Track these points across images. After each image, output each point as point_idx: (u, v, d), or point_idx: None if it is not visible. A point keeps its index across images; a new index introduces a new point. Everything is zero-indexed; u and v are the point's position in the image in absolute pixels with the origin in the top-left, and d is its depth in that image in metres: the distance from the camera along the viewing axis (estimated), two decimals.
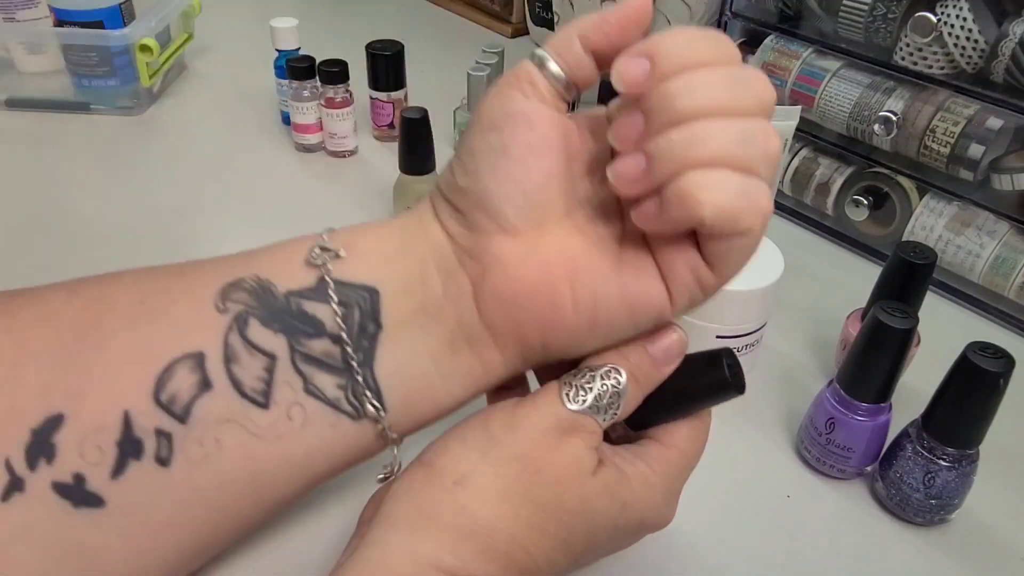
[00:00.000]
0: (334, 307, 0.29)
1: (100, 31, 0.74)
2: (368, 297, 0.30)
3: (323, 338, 0.29)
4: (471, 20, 1.05)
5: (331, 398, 0.30)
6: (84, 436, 0.27)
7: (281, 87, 0.73)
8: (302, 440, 0.30)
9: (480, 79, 0.68)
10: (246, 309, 0.29)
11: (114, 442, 0.28)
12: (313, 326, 0.29)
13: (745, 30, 0.67)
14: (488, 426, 0.30)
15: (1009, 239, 0.53)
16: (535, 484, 0.28)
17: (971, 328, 0.56)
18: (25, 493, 0.27)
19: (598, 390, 0.29)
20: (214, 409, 0.28)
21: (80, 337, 0.29)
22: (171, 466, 0.28)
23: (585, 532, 0.30)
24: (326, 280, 0.29)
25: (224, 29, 0.97)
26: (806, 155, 0.64)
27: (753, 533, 0.41)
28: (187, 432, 0.28)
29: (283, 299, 0.29)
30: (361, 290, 0.30)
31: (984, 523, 0.42)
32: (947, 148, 0.54)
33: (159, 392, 0.28)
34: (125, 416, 0.28)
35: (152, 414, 0.28)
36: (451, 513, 0.28)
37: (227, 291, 0.29)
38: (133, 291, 0.30)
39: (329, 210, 0.65)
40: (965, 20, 0.51)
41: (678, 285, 0.28)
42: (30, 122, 0.76)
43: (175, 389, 0.28)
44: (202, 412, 0.28)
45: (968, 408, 0.37)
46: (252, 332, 0.29)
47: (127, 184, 0.68)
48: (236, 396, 0.29)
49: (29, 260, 0.58)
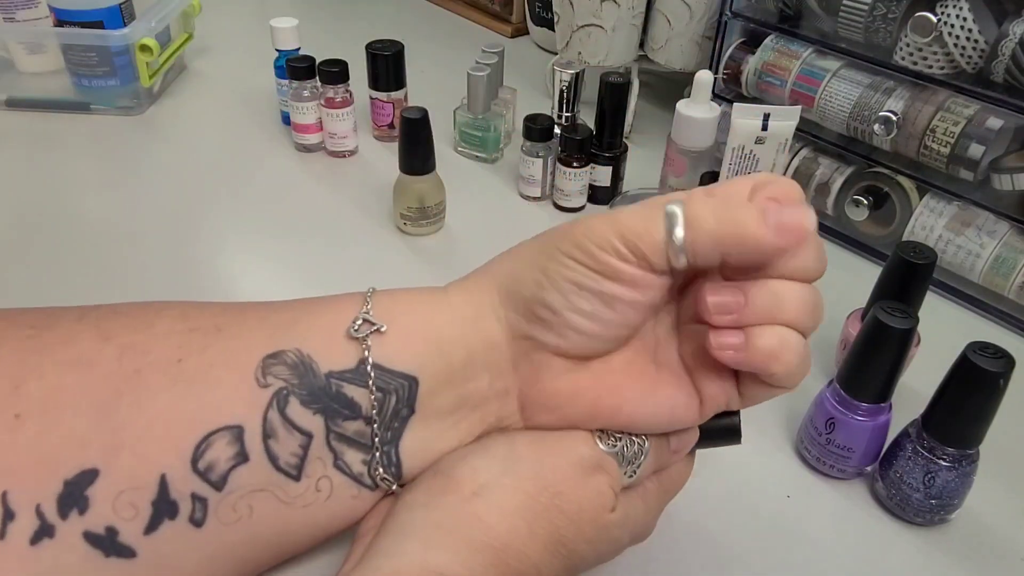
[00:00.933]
0: (371, 393, 0.30)
1: (100, 31, 0.74)
2: (407, 385, 0.30)
3: (358, 420, 0.30)
4: (471, 20, 1.05)
5: (356, 473, 0.31)
6: (119, 493, 0.28)
7: (281, 87, 0.73)
8: (326, 508, 0.31)
9: (480, 79, 0.68)
10: (287, 386, 0.29)
11: (149, 502, 0.28)
12: (350, 408, 0.30)
13: (745, 30, 0.67)
14: (513, 443, 0.31)
15: (1009, 239, 0.53)
16: (554, 507, 0.29)
17: (971, 328, 0.56)
18: (55, 540, 0.27)
19: (626, 441, 0.31)
20: (249, 480, 0.29)
21: (117, 392, 0.28)
22: (204, 527, 0.29)
23: (594, 557, 0.31)
24: (366, 364, 0.30)
25: (224, 29, 0.97)
26: (806, 155, 0.64)
27: (753, 533, 0.41)
28: (222, 498, 0.29)
29: (323, 379, 0.30)
30: (400, 378, 0.30)
31: (984, 523, 0.42)
32: (947, 148, 0.54)
33: (197, 460, 0.28)
34: (162, 479, 0.28)
35: (189, 479, 0.28)
36: (466, 524, 0.28)
37: (268, 364, 0.29)
38: (170, 345, 0.29)
39: (329, 210, 0.65)
40: (965, 20, 0.51)
41: (710, 406, 0.31)
42: (30, 122, 0.76)
43: (213, 458, 0.28)
44: (238, 481, 0.29)
45: (968, 408, 0.37)
46: (291, 410, 0.29)
47: (127, 184, 0.68)
48: (271, 469, 0.29)
49: (29, 260, 0.58)
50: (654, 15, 0.73)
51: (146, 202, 0.65)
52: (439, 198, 0.61)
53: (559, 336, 0.29)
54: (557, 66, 0.67)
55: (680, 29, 0.71)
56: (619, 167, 0.66)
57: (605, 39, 0.73)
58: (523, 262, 0.31)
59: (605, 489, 0.30)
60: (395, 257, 0.60)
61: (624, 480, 0.31)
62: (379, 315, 0.31)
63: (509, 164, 0.72)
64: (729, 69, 0.67)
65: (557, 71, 0.67)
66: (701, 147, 0.61)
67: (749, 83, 0.65)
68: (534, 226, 0.64)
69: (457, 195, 0.64)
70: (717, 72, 0.68)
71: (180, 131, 0.77)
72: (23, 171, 0.69)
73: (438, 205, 0.62)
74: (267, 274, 0.58)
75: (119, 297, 0.54)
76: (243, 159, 0.72)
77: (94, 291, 0.55)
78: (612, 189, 0.67)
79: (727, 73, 0.67)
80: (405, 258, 0.60)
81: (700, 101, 0.60)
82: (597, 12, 0.71)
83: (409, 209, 0.61)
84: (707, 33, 0.72)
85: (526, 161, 0.66)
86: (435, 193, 0.61)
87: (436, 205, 0.61)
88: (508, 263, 0.32)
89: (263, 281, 0.58)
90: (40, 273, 0.57)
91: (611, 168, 0.66)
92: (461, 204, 0.65)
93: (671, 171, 0.63)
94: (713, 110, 0.60)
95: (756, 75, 0.64)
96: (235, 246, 0.61)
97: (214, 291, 0.56)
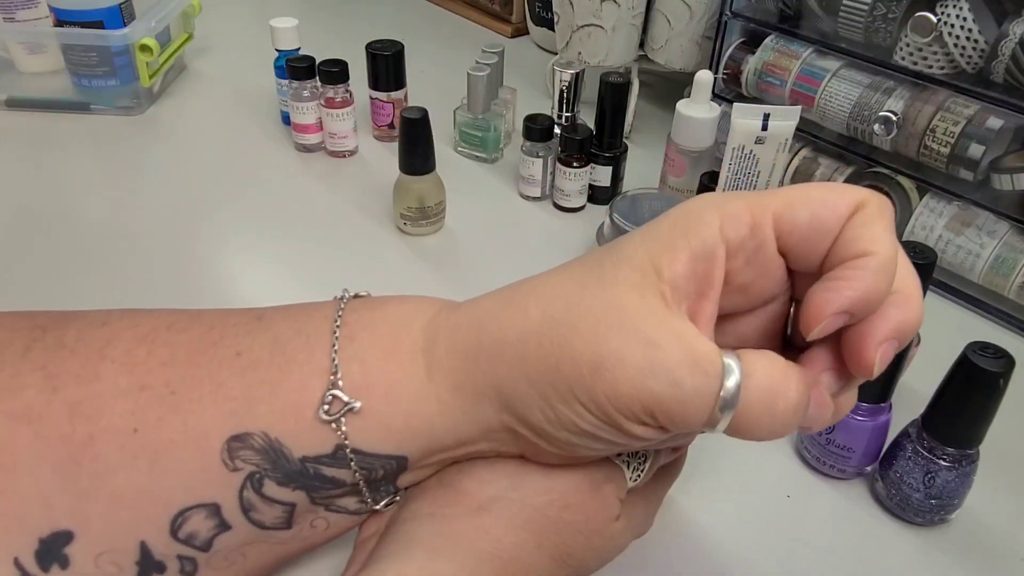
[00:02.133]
0: (355, 472, 0.28)
1: (100, 31, 0.74)
2: (394, 463, 0.29)
3: (343, 488, 0.29)
4: (471, 20, 1.05)
5: (353, 510, 0.30)
6: (99, 554, 0.27)
7: (281, 87, 0.73)
8: (326, 535, 0.31)
9: (480, 79, 0.68)
10: (258, 470, 0.27)
11: (133, 561, 0.27)
12: (333, 483, 0.28)
13: (745, 30, 0.67)
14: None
15: (1009, 239, 0.53)
16: (562, 521, 0.29)
17: (971, 328, 0.56)
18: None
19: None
20: (237, 539, 0.28)
21: (74, 460, 0.26)
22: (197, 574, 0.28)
23: (598, 563, 0.31)
24: (345, 449, 0.27)
25: (224, 29, 0.97)
26: (806, 155, 0.64)
27: (753, 533, 0.41)
28: (210, 556, 0.28)
29: (298, 463, 0.27)
30: (387, 459, 0.28)
31: (984, 523, 0.42)
32: (947, 148, 0.54)
33: (176, 531, 0.27)
34: (142, 544, 0.27)
35: (171, 544, 0.27)
36: (473, 536, 0.28)
37: (234, 448, 0.27)
38: (121, 410, 0.27)
39: (329, 210, 0.65)
40: (965, 20, 0.51)
41: None
42: (30, 122, 0.76)
43: (192, 529, 0.27)
44: (224, 543, 0.28)
45: (968, 408, 0.37)
46: (268, 490, 0.27)
47: (127, 184, 0.68)
48: (258, 530, 0.28)
49: (29, 260, 0.58)
50: (654, 15, 0.73)
51: (146, 202, 0.65)
52: (439, 198, 0.61)
53: (567, 453, 0.28)
54: (557, 66, 0.67)
55: (680, 29, 0.71)
56: (619, 167, 0.66)
57: (605, 39, 0.73)
58: (529, 382, 0.26)
59: (612, 500, 0.30)
60: (395, 257, 0.60)
61: (629, 484, 0.31)
62: (350, 385, 0.27)
63: (509, 164, 0.72)
64: (729, 69, 0.67)
65: (557, 71, 0.67)
66: (701, 147, 0.61)
67: (749, 83, 0.65)
68: (534, 226, 0.65)
69: (457, 195, 0.64)
70: (717, 72, 0.68)
71: (180, 131, 0.77)
72: (23, 171, 0.69)
73: (438, 205, 0.62)
74: (267, 274, 0.58)
75: (119, 297, 0.55)
76: (243, 159, 0.72)
77: (94, 291, 0.55)
78: (612, 189, 0.67)
79: (727, 73, 0.67)
80: (405, 258, 0.60)
81: (700, 101, 0.60)
82: (597, 12, 0.71)
83: (409, 209, 0.61)
84: (707, 33, 0.72)
85: (526, 161, 0.66)
86: (435, 193, 0.61)
87: (436, 205, 0.61)
88: (509, 369, 0.26)
89: (263, 281, 0.58)
90: (40, 273, 0.57)
91: (611, 168, 0.66)
92: (461, 204, 0.65)
93: (671, 171, 0.63)
94: (713, 110, 0.60)
95: (756, 75, 0.64)
96: (235, 246, 0.61)
97: (214, 291, 0.56)
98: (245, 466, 0.27)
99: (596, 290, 0.25)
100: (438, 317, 0.28)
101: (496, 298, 0.28)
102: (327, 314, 0.29)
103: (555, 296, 0.26)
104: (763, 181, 0.54)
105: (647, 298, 0.25)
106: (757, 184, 0.54)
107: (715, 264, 0.25)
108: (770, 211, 0.25)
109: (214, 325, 0.29)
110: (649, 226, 0.27)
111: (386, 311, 0.29)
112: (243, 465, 0.27)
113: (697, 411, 0.24)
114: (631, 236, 0.27)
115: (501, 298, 0.28)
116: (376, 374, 0.27)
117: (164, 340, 0.28)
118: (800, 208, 0.24)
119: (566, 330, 0.25)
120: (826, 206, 0.24)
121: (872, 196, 0.25)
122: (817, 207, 0.24)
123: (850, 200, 0.24)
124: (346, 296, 0.30)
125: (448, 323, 0.28)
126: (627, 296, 0.25)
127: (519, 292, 0.27)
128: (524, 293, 0.27)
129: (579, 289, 0.26)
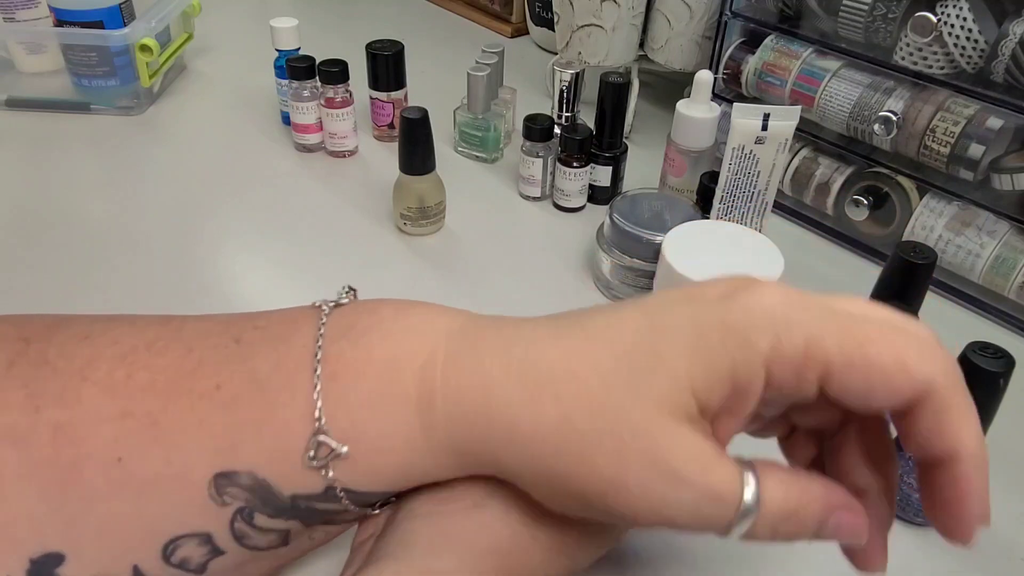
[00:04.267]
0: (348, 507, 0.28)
1: (100, 31, 0.74)
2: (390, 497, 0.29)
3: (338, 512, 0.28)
4: (471, 20, 1.05)
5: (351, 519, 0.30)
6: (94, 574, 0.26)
7: (281, 87, 0.73)
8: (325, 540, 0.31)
9: (480, 79, 0.68)
10: (247, 506, 0.27)
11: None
12: (325, 515, 0.28)
13: (745, 30, 0.67)
14: None
15: (1009, 239, 0.53)
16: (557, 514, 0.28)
17: (971, 328, 0.56)
18: None
19: None
20: (232, 561, 0.28)
21: (60, 484, 0.26)
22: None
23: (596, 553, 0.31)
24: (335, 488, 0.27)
25: (224, 29, 0.97)
26: (806, 155, 0.64)
27: None
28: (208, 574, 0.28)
29: (288, 500, 0.27)
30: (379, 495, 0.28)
31: None
32: (947, 148, 0.54)
33: (168, 556, 0.27)
34: (135, 568, 0.27)
35: (165, 569, 0.27)
36: (471, 532, 0.28)
37: (221, 484, 0.26)
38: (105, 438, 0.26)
39: (329, 210, 0.65)
40: (965, 20, 0.51)
41: None
42: (30, 122, 0.76)
43: (185, 555, 0.27)
44: (219, 565, 0.28)
45: None
46: (260, 521, 0.27)
47: (127, 184, 0.68)
48: (253, 552, 0.28)
49: (29, 260, 0.58)
50: (654, 15, 0.73)
51: (146, 202, 0.65)
52: (439, 198, 0.61)
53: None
54: (557, 66, 0.67)
55: (680, 29, 0.71)
56: (619, 167, 0.66)
57: (605, 39, 0.73)
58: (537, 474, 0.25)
59: None
60: (395, 257, 0.60)
61: None
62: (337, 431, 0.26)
63: (509, 164, 0.72)
64: (729, 69, 0.67)
65: (557, 71, 0.67)
66: (701, 147, 0.61)
67: (749, 83, 0.65)
68: (534, 226, 0.65)
69: (457, 195, 0.64)
70: (717, 72, 0.68)
71: (180, 131, 0.77)
72: (23, 171, 0.69)
73: (438, 205, 0.62)
74: (267, 274, 0.58)
75: (119, 297, 0.55)
76: (243, 159, 0.72)
77: (94, 291, 0.55)
78: (612, 189, 0.67)
79: (727, 73, 0.67)
80: (405, 258, 0.60)
81: (700, 101, 0.60)
82: (597, 12, 0.71)
83: (409, 209, 0.61)
84: (707, 33, 0.72)
85: (526, 161, 0.66)
86: (435, 193, 0.61)
87: (436, 205, 0.61)
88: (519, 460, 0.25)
89: (263, 281, 0.58)
90: (40, 273, 0.57)
91: (611, 168, 0.66)
92: (461, 204, 0.65)
93: (671, 171, 0.63)
94: (713, 110, 0.60)
95: (756, 75, 0.64)
96: (235, 246, 0.61)
97: (213, 291, 0.56)
98: (234, 501, 0.27)
99: (624, 399, 0.24)
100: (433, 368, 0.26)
101: (502, 362, 0.26)
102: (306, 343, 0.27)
103: (577, 396, 0.24)
104: (763, 181, 0.54)
105: (678, 423, 0.24)
106: (757, 184, 0.54)
107: (751, 396, 0.24)
108: (823, 364, 0.23)
109: (192, 347, 0.28)
110: (697, 320, 0.24)
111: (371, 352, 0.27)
112: (231, 500, 0.26)
113: (710, 530, 0.24)
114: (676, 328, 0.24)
115: (510, 368, 0.25)
116: (365, 423, 0.26)
117: (144, 363, 0.27)
118: (857, 377, 0.23)
119: (588, 446, 0.24)
120: (888, 387, 0.23)
121: (943, 375, 0.23)
122: (877, 382, 0.23)
123: (917, 385, 0.23)
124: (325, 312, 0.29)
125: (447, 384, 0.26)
126: (658, 420, 0.23)
127: (532, 370, 0.25)
128: (538, 376, 0.25)
129: (604, 392, 0.24)
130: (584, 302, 0.57)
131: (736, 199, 0.56)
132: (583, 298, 0.57)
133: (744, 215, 0.56)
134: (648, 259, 0.53)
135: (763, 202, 0.56)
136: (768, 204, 0.56)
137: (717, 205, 0.56)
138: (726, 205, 0.56)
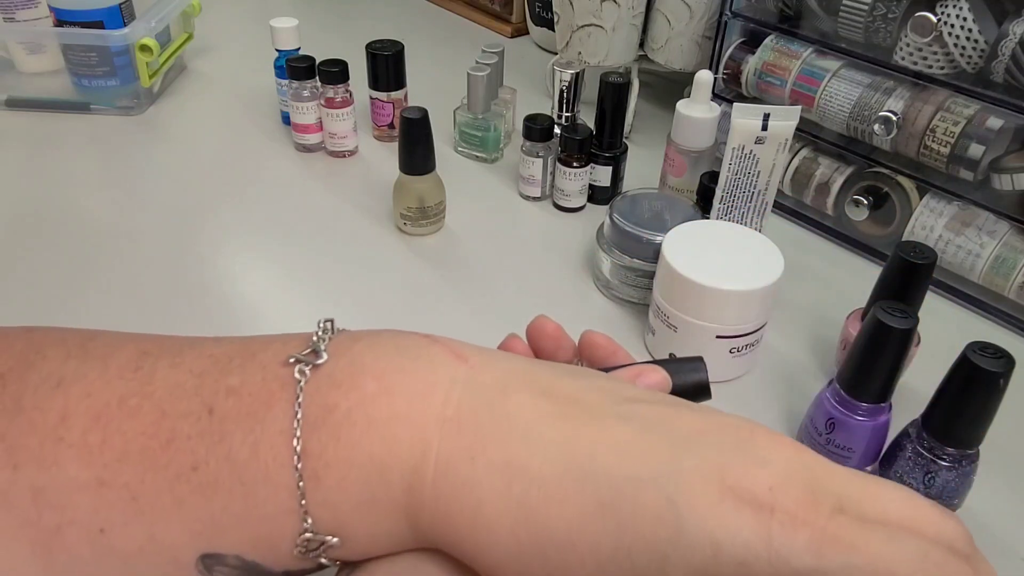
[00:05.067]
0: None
1: (100, 31, 0.74)
2: None
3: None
4: (471, 20, 1.05)
5: None
6: None
7: (281, 87, 0.73)
8: None
9: (480, 79, 0.68)
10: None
11: None
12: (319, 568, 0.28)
13: (745, 30, 0.67)
14: None
15: (1009, 239, 0.53)
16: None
17: (971, 328, 0.56)
18: None
19: None
20: None
21: (47, 545, 0.26)
22: None
23: None
24: (327, 565, 0.27)
25: (224, 29, 0.97)
26: (806, 155, 0.64)
27: None
28: None
29: (280, 574, 0.27)
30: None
31: (984, 523, 0.42)
32: (947, 148, 0.54)
33: None
34: None
35: None
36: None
37: (209, 563, 0.26)
38: (86, 506, 0.26)
39: (329, 210, 0.65)
40: (965, 20, 0.51)
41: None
42: (30, 122, 0.76)
43: None
44: None
45: (968, 408, 0.37)
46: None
47: (127, 184, 0.68)
48: None
49: (29, 260, 0.58)
50: (654, 15, 0.73)
51: (146, 202, 0.65)
52: (439, 198, 0.61)
53: None
54: (557, 66, 0.67)
55: (680, 29, 0.71)
56: (619, 167, 0.66)
57: (605, 39, 0.73)
58: None
59: None
60: (395, 257, 0.60)
61: None
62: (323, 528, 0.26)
63: (509, 164, 0.72)
64: (729, 69, 0.67)
65: (557, 71, 0.67)
66: (701, 147, 0.61)
67: (749, 83, 0.65)
68: (534, 226, 0.65)
69: (457, 195, 0.64)
70: (717, 72, 0.68)
71: (180, 131, 0.77)
72: (23, 171, 0.69)
73: (438, 205, 0.62)
74: (267, 274, 0.58)
75: (119, 297, 0.55)
76: (243, 159, 0.72)
77: (94, 291, 0.55)
78: (612, 189, 0.67)
79: (727, 73, 0.67)
80: (405, 258, 0.60)
81: (700, 101, 0.60)
82: (597, 12, 0.71)
83: (409, 209, 0.61)
84: (707, 33, 0.72)
85: (526, 161, 0.66)
86: (435, 193, 0.61)
87: (436, 205, 0.61)
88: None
89: (263, 281, 0.58)
90: (40, 273, 0.57)
91: (611, 168, 0.66)
92: (461, 204, 0.65)
93: (671, 171, 0.63)
94: (713, 110, 0.60)
95: (756, 75, 0.64)
96: (235, 246, 0.61)
97: (213, 291, 0.56)
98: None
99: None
100: (422, 477, 0.25)
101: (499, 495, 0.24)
102: (283, 427, 0.26)
103: (567, 569, 0.24)
104: (763, 181, 0.54)
105: None
106: (757, 184, 0.54)
107: None
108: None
109: (165, 411, 0.27)
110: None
111: (354, 449, 0.26)
112: (222, 575, 0.27)
113: None
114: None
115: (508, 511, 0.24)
116: (353, 525, 0.26)
117: (116, 426, 0.27)
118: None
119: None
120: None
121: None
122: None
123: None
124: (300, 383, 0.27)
125: (437, 499, 0.25)
126: None
127: (531, 525, 0.24)
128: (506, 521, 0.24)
129: None
130: (584, 302, 0.58)
131: (736, 199, 0.56)
132: (583, 298, 0.57)
133: (744, 215, 0.56)
134: (648, 259, 0.53)
135: (763, 202, 0.56)
136: (768, 204, 0.56)
137: (717, 205, 0.56)
138: (726, 205, 0.56)
